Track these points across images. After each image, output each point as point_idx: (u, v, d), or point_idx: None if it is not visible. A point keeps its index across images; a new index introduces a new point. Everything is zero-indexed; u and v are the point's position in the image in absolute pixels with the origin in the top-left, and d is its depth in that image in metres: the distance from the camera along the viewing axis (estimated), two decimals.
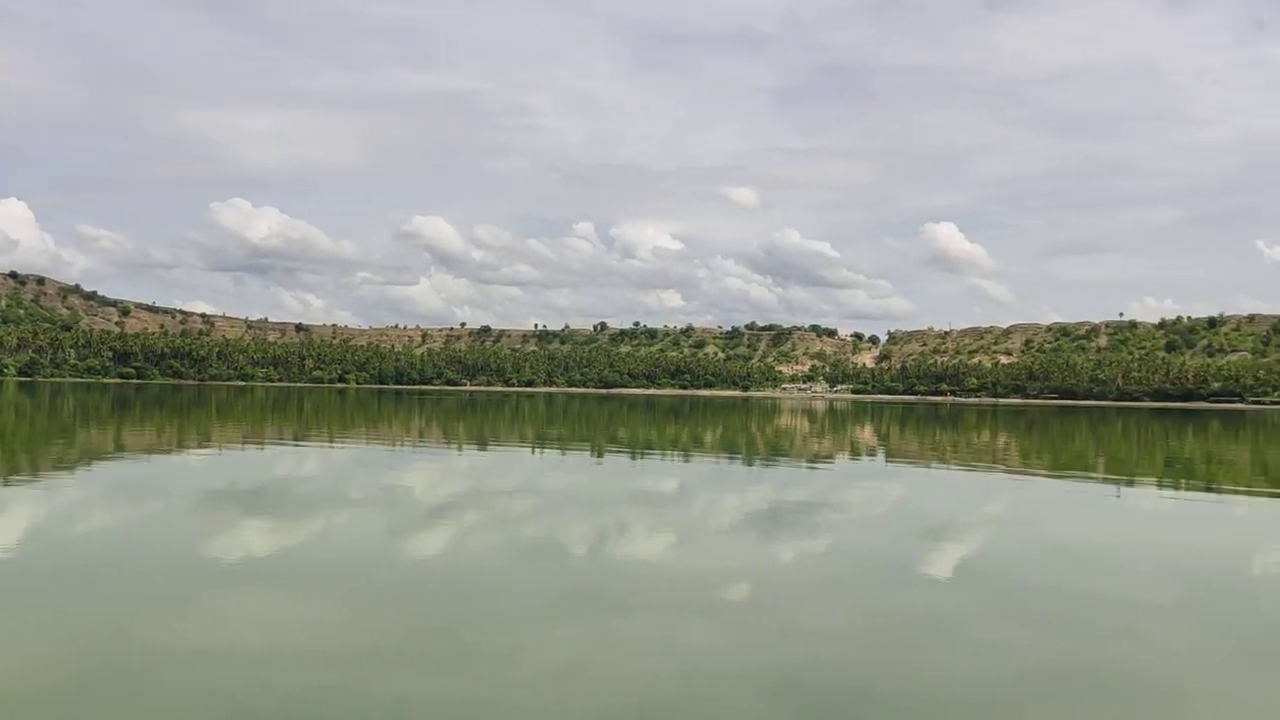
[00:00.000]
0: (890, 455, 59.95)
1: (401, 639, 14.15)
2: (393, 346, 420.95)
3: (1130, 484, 43.20)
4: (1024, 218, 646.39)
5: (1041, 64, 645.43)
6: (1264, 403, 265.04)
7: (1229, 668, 13.92)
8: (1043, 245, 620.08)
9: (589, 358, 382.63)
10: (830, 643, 14.62)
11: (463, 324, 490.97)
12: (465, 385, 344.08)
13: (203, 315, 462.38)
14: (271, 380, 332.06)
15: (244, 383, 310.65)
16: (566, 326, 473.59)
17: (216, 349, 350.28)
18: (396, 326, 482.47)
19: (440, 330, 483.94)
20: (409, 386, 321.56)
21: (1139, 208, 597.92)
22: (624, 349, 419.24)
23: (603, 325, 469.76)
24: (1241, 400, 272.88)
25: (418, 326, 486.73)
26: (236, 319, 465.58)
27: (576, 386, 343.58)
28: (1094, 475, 47.12)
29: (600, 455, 52.76)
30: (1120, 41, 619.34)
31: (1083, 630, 15.54)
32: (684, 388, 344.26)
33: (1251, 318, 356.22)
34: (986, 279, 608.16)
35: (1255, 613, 17.39)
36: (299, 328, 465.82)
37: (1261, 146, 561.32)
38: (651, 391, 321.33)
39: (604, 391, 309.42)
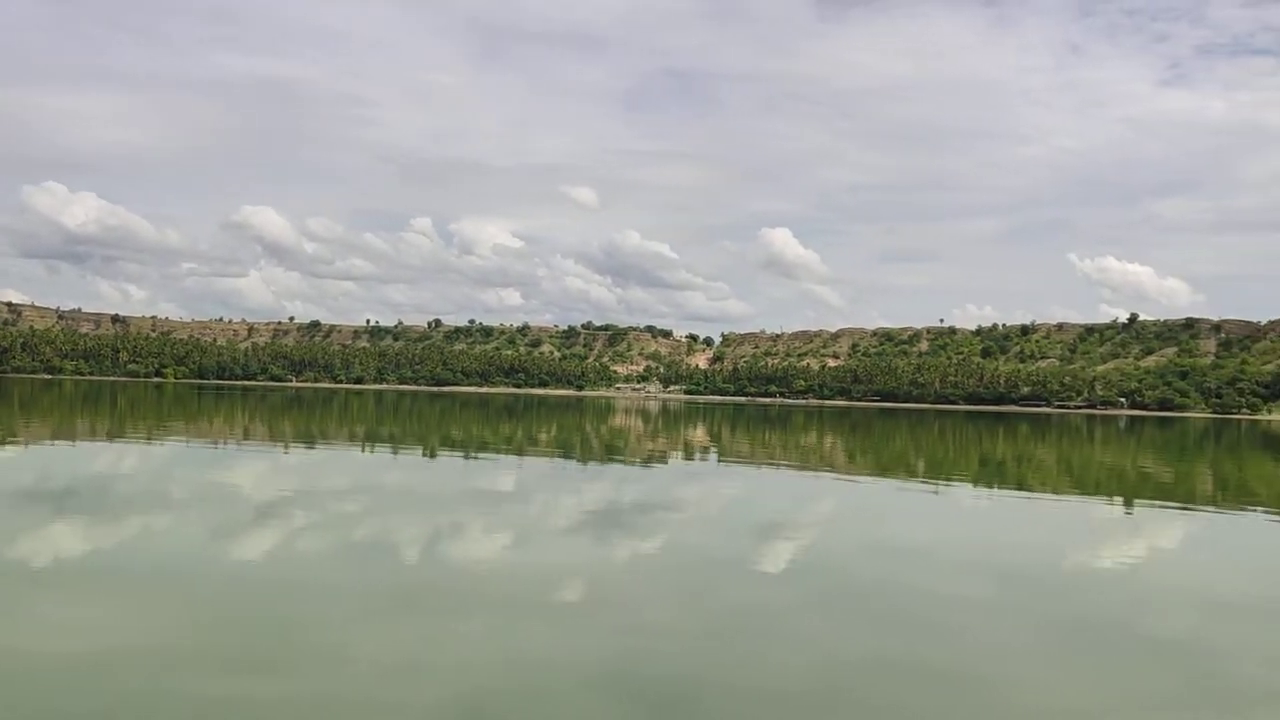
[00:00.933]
0: (722, 455, 61.06)
1: (230, 642, 13.72)
2: (215, 340, 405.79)
3: (948, 484, 45.09)
4: (856, 226, 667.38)
5: (875, 77, 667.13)
6: (1068, 407, 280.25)
7: (1041, 656, 14.71)
8: (873, 253, 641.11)
9: (422, 355, 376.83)
10: (664, 639, 14.83)
11: (291, 318, 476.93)
12: (291, 381, 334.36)
13: (9, 304, 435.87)
14: (81, 374, 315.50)
15: (50, 376, 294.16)
16: (400, 323, 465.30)
17: (20, 339, 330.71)
18: (220, 320, 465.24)
19: (267, 324, 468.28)
20: (231, 382, 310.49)
21: (964, 219, 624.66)
22: (459, 346, 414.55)
23: (437, 322, 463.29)
24: (1048, 404, 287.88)
25: (243, 320, 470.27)
26: (47, 309, 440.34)
27: (408, 384, 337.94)
28: (915, 475, 49.01)
29: (433, 454, 52.10)
30: (949, 59, 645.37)
31: (905, 623, 16.22)
32: (518, 386, 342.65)
33: (1060, 326, 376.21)
34: (820, 284, 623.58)
35: (1064, 605, 18.41)
36: (116, 319, 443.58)
37: (1075, 165, 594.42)
38: (485, 390, 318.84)
39: (436, 389, 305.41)
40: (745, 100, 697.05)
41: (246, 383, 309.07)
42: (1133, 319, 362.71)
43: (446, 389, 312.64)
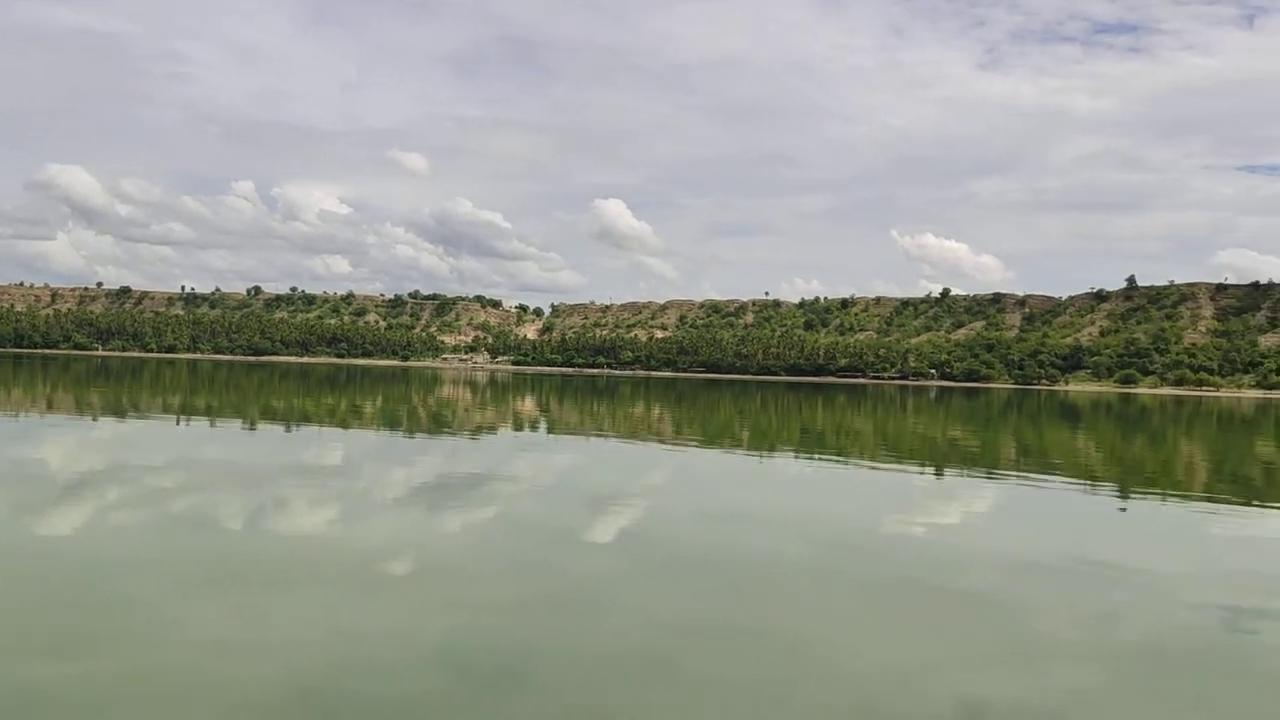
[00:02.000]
0: (552, 427, 61.15)
1: (44, 623, 13.06)
2: (13, 306, 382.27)
3: (771, 453, 46.33)
4: (689, 199, 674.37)
5: (711, 52, 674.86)
6: (882, 378, 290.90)
7: (864, 616, 15.33)
8: (706, 226, 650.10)
9: (239, 324, 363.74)
10: (496, 610, 14.82)
11: (99, 284, 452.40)
12: (97, 350, 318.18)
13: None
14: None
15: None
16: (217, 290, 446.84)
17: None
18: (21, 284, 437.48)
19: (72, 290, 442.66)
20: (30, 350, 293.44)
21: (793, 195, 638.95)
22: (279, 315, 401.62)
23: (257, 289, 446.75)
24: (864, 375, 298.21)
25: (46, 285, 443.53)
26: None
27: (224, 353, 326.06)
28: (740, 445, 50.17)
29: (253, 426, 50.50)
30: (780, 37, 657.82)
31: (736, 588, 16.66)
32: (341, 356, 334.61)
33: (878, 300, 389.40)
34: (652, 256, 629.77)
35: (885, 568, 19.21)
36: None
37: (898, 144, 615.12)
38: (306, 360, 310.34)
39: (254, 359, 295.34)
40: (581, 70, 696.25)
41: (47, 351, 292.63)
42: (945, 294, 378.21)
43: (264, 359, 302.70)
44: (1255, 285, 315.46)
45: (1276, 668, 13.30)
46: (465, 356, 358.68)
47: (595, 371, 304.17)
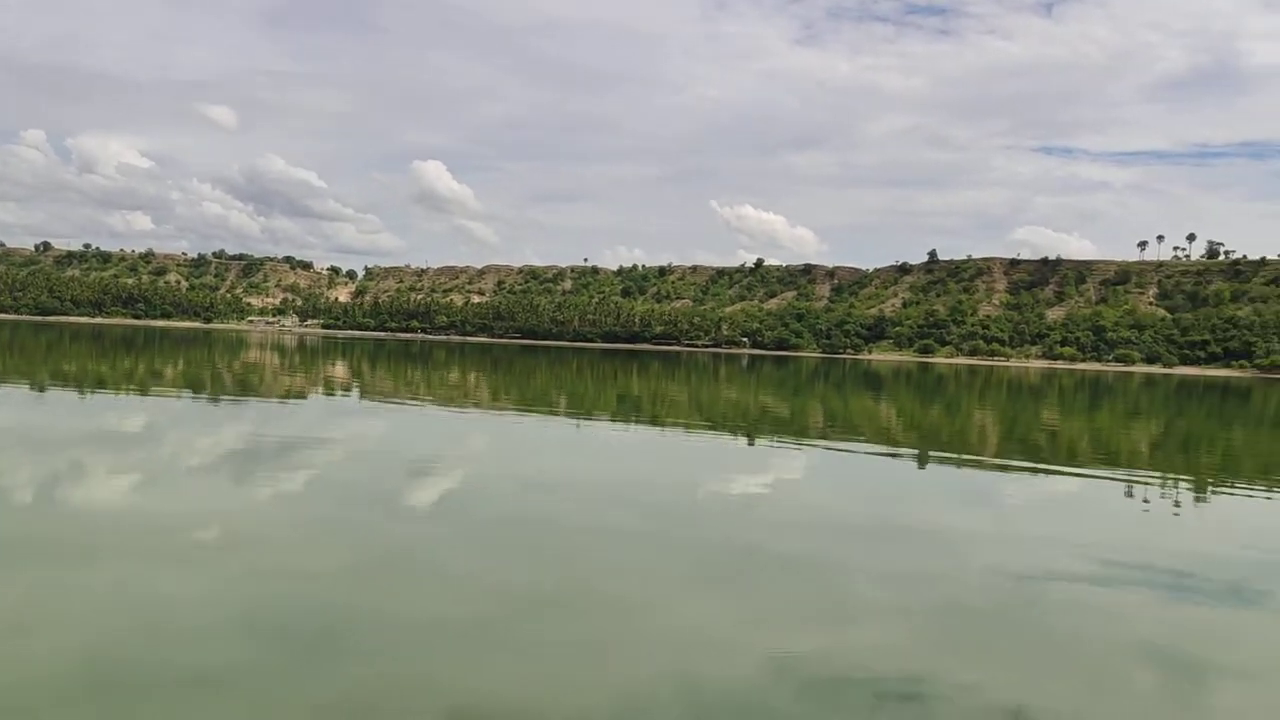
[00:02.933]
0: (365, 392, 59.83)
1: None
2: None
3: (589, 419, 46.56)
4: (511, 163, 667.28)
5: (536, 15, 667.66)
6: (696, 346, 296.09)
7: (684, 581, 15.59)
8: (528, 191, 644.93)
9: (25, 281, 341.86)
10: (310, 578, 14.45)
11: None
12: None
13: None
14: None
15: None
16: (2, 245, 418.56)
17: None
18: None
19: None
20: None
21: (615, 162, 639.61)
22: (70, 273, 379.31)
23: (46, 245, 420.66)
24: (679, 343, 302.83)
25: None
26: None
27: (7, 313, 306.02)
28: (558, 411, 50.23)
29: (42, 390, 47.62)
30: (605, 4, 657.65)
31: (556, 553, 16.71)
32: (138, 318, 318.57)
33: (695, 269, 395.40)
34: (473, 220, 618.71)
35: (703, 532, 19.59)
36: None
37: (719, 115, 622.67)
38: (99, 320, 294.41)
39: (40, 319, 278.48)
40: (401, 28, 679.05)
41: None
42: (759, 264, 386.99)
43: (52, 319, 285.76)
44: (1044, 261, 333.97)
45: (1063, 622, 14.16)
46: (272, 320, 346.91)
47: (409, 336, 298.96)
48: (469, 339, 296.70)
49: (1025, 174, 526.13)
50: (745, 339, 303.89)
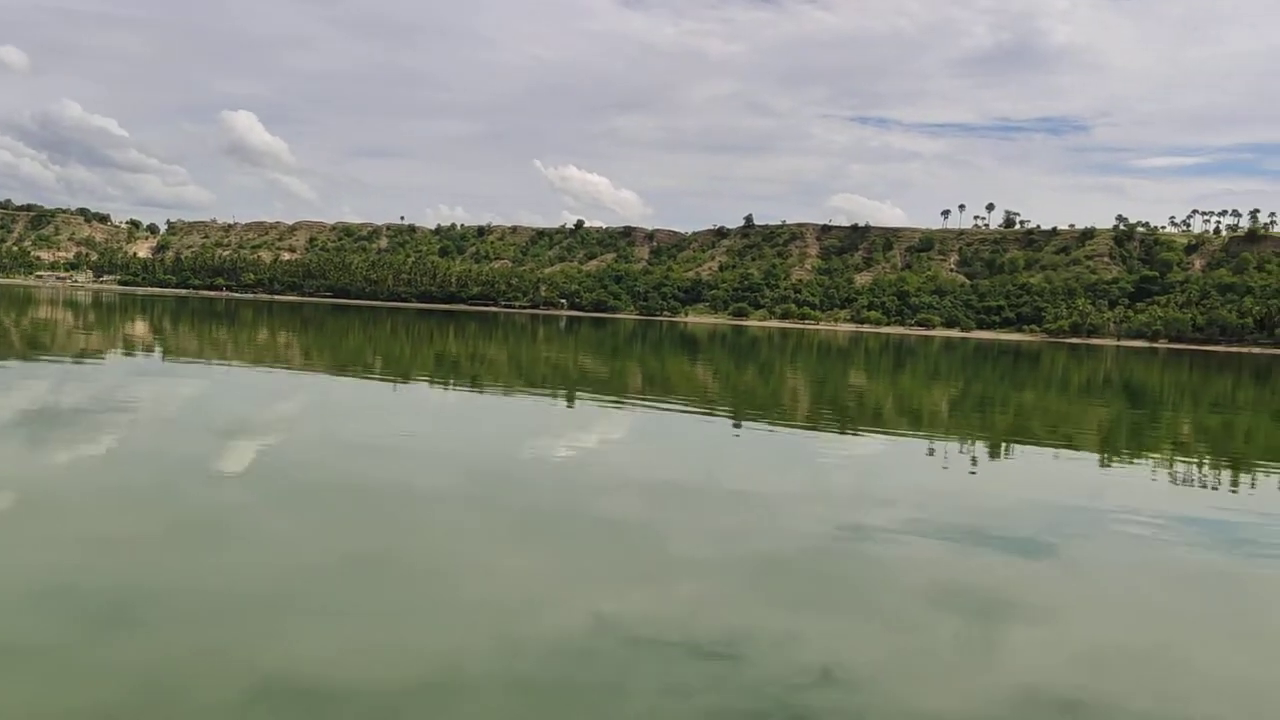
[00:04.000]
0: (169, 353, 57.21)
1: None
2: None
3: (406, 381, 45.83)
4: (329, 116, 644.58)
5: None
6: (513, 307, 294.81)
7: (506, 542, 15.55)
8: (347, 146, 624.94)
9: None
10: (111, 547, 13.78)
11: None
12: None
13: None
14: None
15: None
16: None
17: None
18: None
19: None
20: None
21: (438, 119, 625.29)
22: None
23: None
24: (496, 304, 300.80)
25: None
26: None
27: None
28: (373, 372, 49.25)
29: None
30: None
31: (369, 519, 16.38)
32: None
33: (515, 229, 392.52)
34: (288, 174, 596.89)
35: (527, 494, 19.54)
36: None
37: (545, 74, 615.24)
38: None
39: None
40: None
41: None
42: (579, 225, 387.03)
43: None
44: (854, 227, 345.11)
45: (873, 573, 14.80)
46: (64, 275, 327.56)
47: (214, 294, 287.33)
48: (277, 298, 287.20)
49: (841, 142, 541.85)
50: (564, 300, 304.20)
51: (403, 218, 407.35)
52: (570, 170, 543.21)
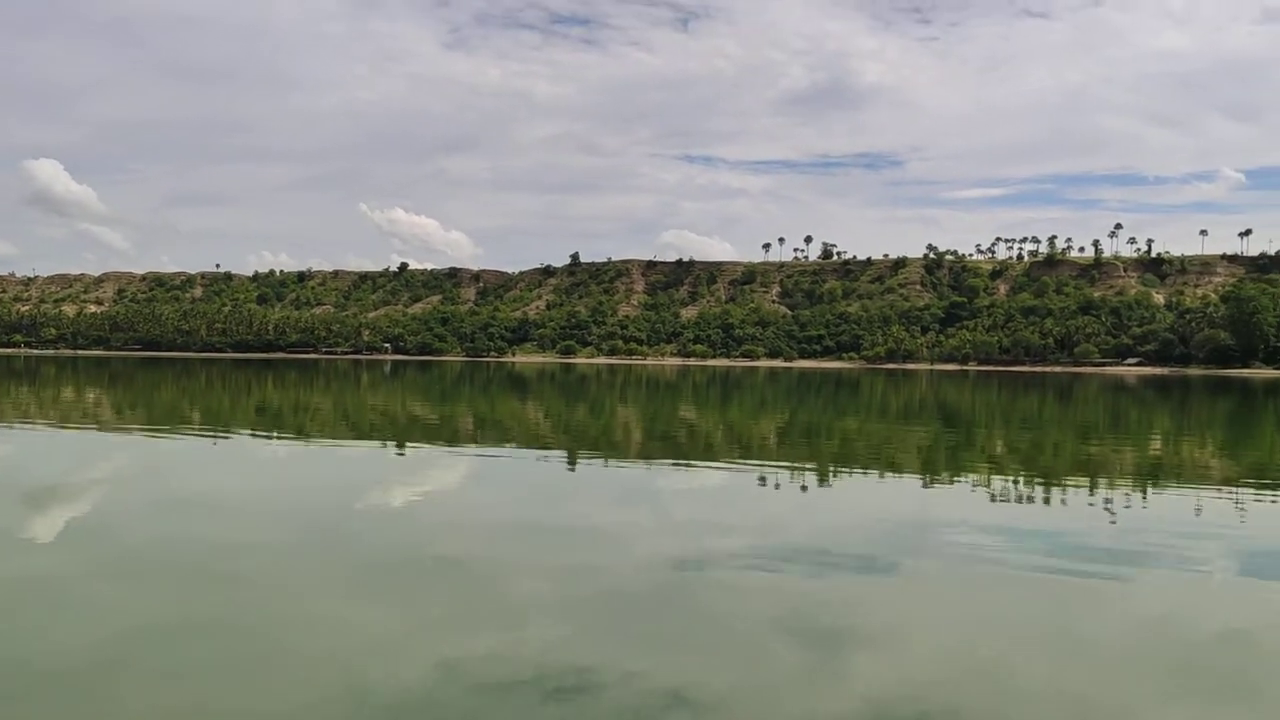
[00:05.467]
0: None
1: None
2: None
3: (227, 433, 44.16)
4: (142, 164, 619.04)
5: (162, 6, 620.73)
6: (335, 353, 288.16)
7: (344, 595, 15.08)
8: (162, 194, 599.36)
9: None
10: None
11: None
12: None
13: None
14: None
15: None
16: None
17: None
18: None
19: None
20: None
21: (258, 165, 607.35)
22: None
23: None
24: (317, 350, 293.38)
25: None
26: None
27: None
28: (190, 427, 47.30)
29: None
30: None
31: (195, 581, 15.64)
32: None
33: (337, 273, 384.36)
34: (99, 224, 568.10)
35: (361, 545, 18.97)
36: None
37: (370, 117, 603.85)
38: None
39: None
40: (8, 15, 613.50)
41: None
42: (403, 268, 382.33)
43: None
44: (679, 262, 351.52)
45: (717, 603, 14.94)
46: None
47: (11, 351, 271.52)
48: (82, 352, 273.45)
49: (671, 180, 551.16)
50: (387, 345, 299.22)
51: (219, 265, 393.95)
52: (398, 213, 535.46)
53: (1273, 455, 41.06)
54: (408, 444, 40.61)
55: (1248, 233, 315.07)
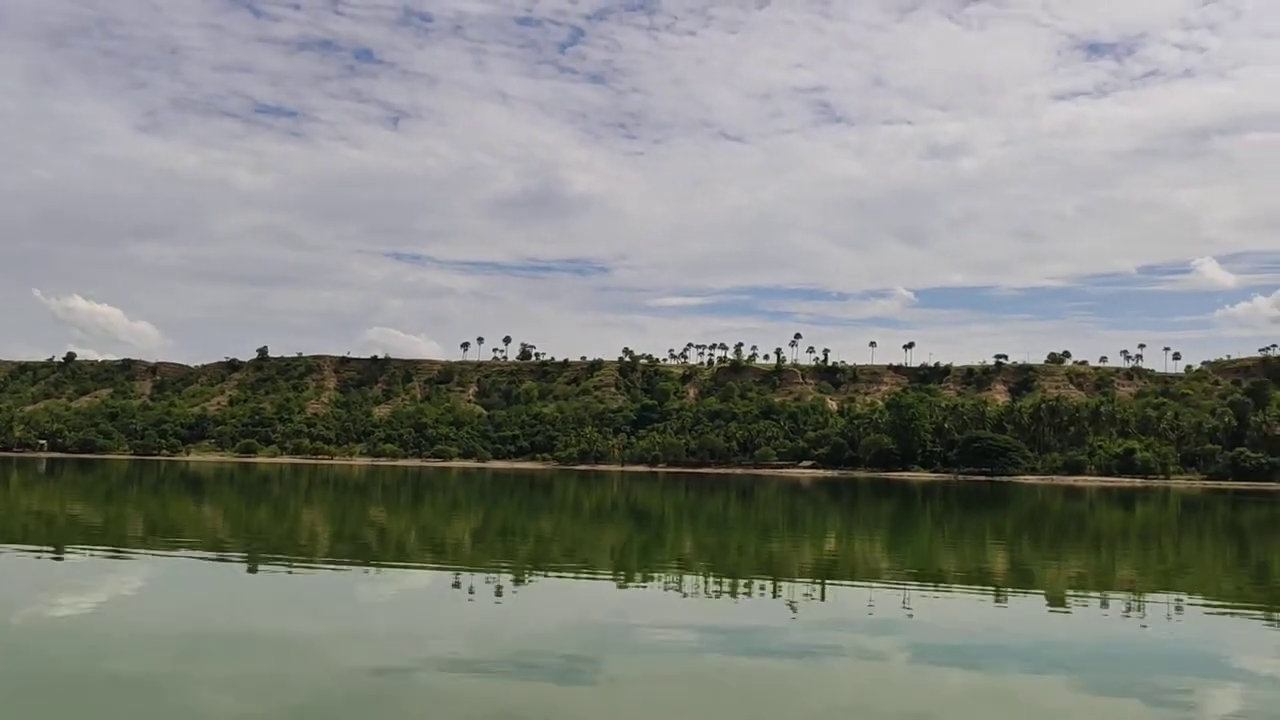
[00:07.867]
0: None
1: None
2: None
3: None
4: None
5: None
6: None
7: (14, 716, 13.48)
8: None
9: None
10: None
11: None
12: None
13: None
14: None
15: None
16: None
17: None
18: None
19: None
20: None
21: None
22: None
23: None
24: None
25: None
26: None
27: None
28: None
29: None
30: None
31: None
32: None
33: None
34: None
35: (21, 661, 17.19)
36: None
37: (52, 200, 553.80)
38: None
39: None
40: None
41: None
42: (70, 358, 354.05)
43: None
44: (375, 359, 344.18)
45: (420, 710, 14.43)
46: None
47: None
48: None
49: (378, 277, 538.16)
50: (43, 441, 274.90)
51: None
52: (76, 301, 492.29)
53: (931, 554, 44.46)
54: (71, 550, 37.16)
55: (910, 345, 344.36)
